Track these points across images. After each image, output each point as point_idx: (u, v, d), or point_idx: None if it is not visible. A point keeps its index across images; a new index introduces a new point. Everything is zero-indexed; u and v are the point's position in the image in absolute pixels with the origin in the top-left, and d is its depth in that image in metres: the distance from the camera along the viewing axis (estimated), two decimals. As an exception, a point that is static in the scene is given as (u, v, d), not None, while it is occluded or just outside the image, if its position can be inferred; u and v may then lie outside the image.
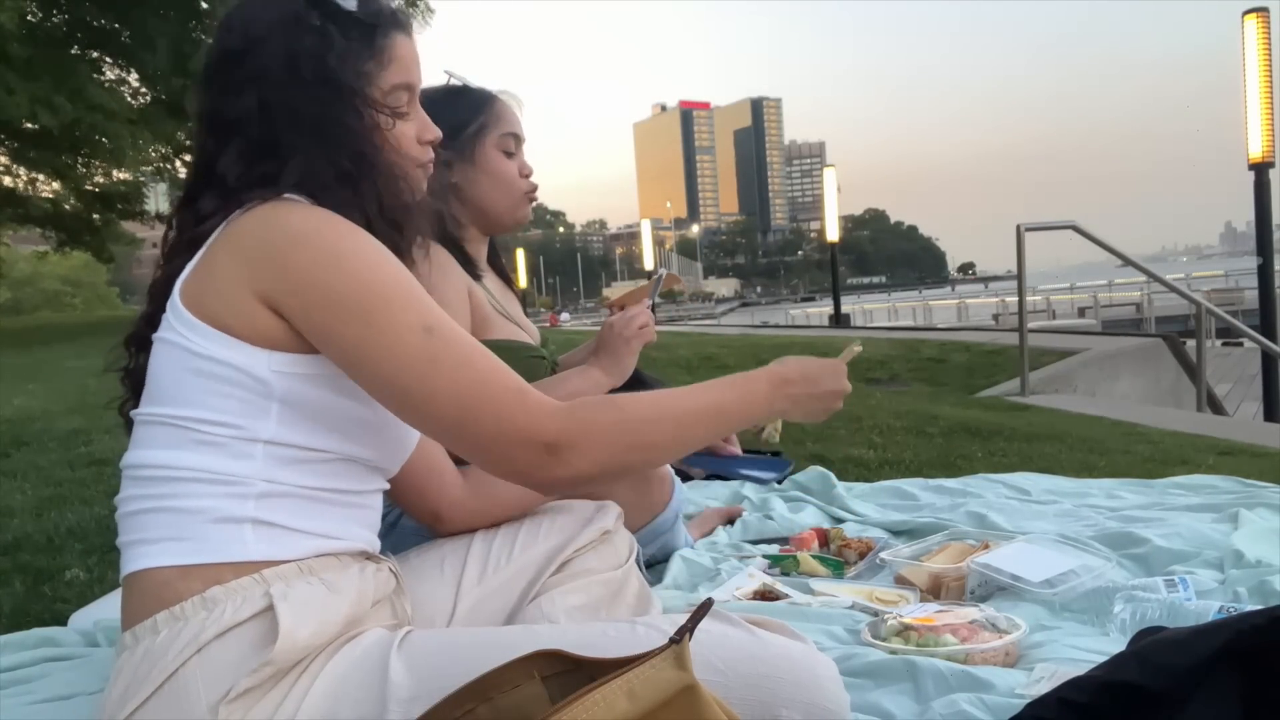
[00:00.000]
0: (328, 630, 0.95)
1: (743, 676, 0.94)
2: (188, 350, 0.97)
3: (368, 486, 1.07)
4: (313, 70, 1.03)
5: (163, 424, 0.98)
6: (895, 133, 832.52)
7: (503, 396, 0.96)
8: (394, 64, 1.10)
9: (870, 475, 3.08)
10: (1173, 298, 14.41)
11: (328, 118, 1.04)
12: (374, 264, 0.98)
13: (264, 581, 0.94)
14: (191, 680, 0.90)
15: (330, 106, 1.04)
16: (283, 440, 0.97)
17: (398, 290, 0.98)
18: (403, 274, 1.00)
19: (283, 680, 0.91)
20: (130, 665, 0.92)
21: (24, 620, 1.92)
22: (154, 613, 0.93)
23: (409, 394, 0.96)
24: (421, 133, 1.15)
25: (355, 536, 1.05)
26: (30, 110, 10.65)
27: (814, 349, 8.05)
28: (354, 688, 0.93)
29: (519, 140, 1.82)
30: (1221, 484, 2.54)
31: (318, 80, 1.03)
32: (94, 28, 13.86)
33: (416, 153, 1.14)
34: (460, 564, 1.21)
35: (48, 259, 22.16)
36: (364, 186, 1.05)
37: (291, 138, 1.03)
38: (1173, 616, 1.44)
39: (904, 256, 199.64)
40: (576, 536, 1.25)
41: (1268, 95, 7.04)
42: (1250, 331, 6.92)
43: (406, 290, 0.98)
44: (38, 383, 5.89)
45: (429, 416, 0.97)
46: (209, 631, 0.91)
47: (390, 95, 1.10)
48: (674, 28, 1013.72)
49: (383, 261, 0.99)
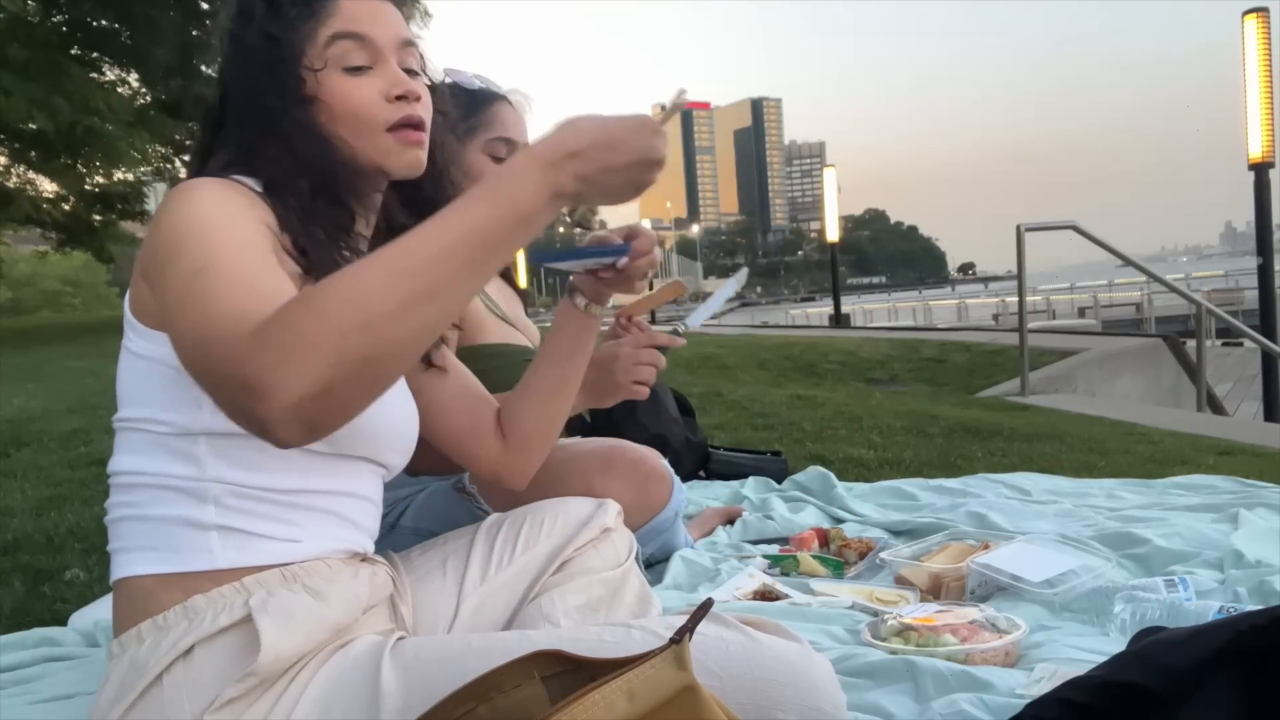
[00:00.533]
0: (314, 638, 0.94)
1: (738, 680, 0.93)
2: (129, 350, 0.97)
3: (344, 485, 1.03)
4: (256, 38, 1.02)
5: (126, 429, 0.98)
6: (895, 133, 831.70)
7: (222, 335, 0.77)
8: (335, 16, 1.03)
9: (870, 475, 3.08)
10: (1173, 298, 14.42)
11: (257, 85, 1.01)
12: (199, 224, 0.88)
13: (244, 590, 0.92)
14: (175, 689, 0.89)
15: (261, 72, 1.01)
16: (219, 430, 0.93)
17: (197, 241, 0.86)
18: (226, 231, 0.88)
19: (271, 689, 0.90)
20: (117, 674, 0.92)
21: (24, 620, 1.92)
22: (139, 621, 0.92)
23: (175, 344, 0.85)
24: (389, 89, 1.04)
25: (339, 538, 1.01)
26: (27, 112, 10.65)
27: (815, 348, 8.08)
28: (345, 697, 0.92)
29: (512, 145, 1.73)
30: (1221, 484, 2.54)
31: (260, 48, 1.02)
32: (94, 28, 13.86)
33: (373, 111, 1.03)
34: (463, 564, 1.21)
35: (48, 259, 22.16)
36: (292, 152, 1.00)
37: (234, 114, 1.02)
38: (1173, 616, 1.43)
39: (904, 256, 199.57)
40: (577, 535, 1.24)
41: (1268, 95, 7.04)
42: (1250, 331, 6.91)
43: (206, 239, 0.86)
44: (38, 383, 5.88)
45: (186, 366, 0.84)
46: (190, 640, 0.90)
47: (330, 47, 1.02)
48: (674, 28, 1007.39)
49: (211, 222, 0.88)
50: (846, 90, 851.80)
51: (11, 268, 20.91)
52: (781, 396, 5.10)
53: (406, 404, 1.12)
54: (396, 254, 0.78)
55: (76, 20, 13.69)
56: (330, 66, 1.02)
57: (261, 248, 0.89)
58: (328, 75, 1.02)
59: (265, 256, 0.89)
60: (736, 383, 6.10)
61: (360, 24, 1.03)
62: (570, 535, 1.24)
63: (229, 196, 0.93)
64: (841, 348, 8.10)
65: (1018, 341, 5.86)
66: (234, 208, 0.92)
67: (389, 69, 1.04)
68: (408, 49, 1.08)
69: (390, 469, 1.11)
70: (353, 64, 1.03)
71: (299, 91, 1.01)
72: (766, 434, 3.99)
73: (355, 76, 1.03)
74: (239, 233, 0.88)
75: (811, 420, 4.26)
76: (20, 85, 10.49)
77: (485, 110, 1.72)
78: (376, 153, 1.04)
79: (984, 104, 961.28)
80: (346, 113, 1.02)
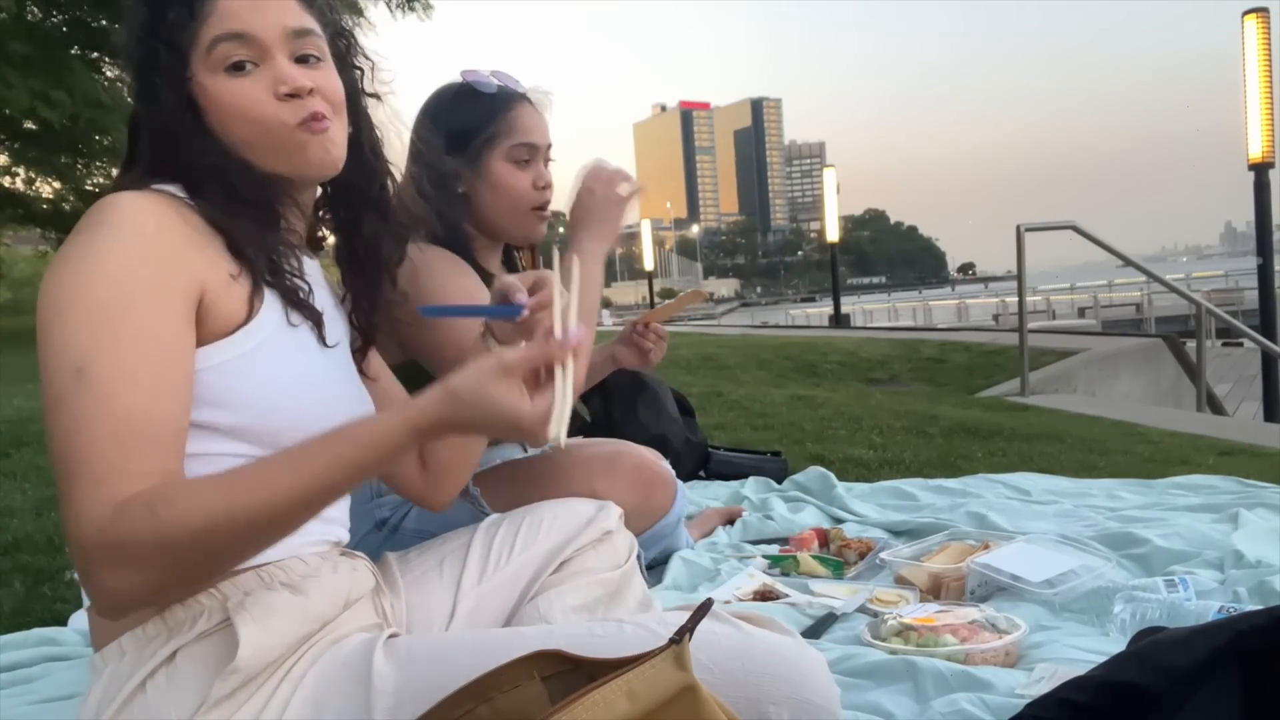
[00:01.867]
0: (297, 630, 0.93)
1: (730, 673, 0.93)
2: None
3: None
4: (142, 47, 0.99)
5: None
6: (895, 133, 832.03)
7: (83, 477, 0.80)
8: (214, 16, 0.97)
9: (870, 475, 3.08)
10: (1173, 298, 14.41)
11: (147, 92, 0.99)
12: (76, 278, 0.86)
13: (221, 595, 0.92)
14: (159, 695, 0.88)
15: (150, 79, 0.98)
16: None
17: (77, 312, 0.85)
18: (116, 293, 0.86)
19: (262, 688, 0.90)
20: (99, 686, 0.91)
21: (24, 620, 1.92)
22: (118, 635, 0.92)
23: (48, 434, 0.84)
24: (275, 85, 0.98)
25: (311, 531, 0.99)
26: (30, 105, 10.65)
27: (815, 348, 8.08)
28: (337, 695, 0.92)
29: (536, 149, 1.66)
30: (1221, 484, 2.55)
31: (146, 56, 0.98)
32: (93, 28, 13.87)
33: (262, 110, 0.98)
34: (460, 564, 1.20)
35: (48, 259, 22.15)
36: (191, 159, 0.97)
37: (138, 113, 1.01)
38: (1173, 616, 1.44)
39: (904, 257, 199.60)
40: (577, 536, 1.24)
41: (1268, 95, 7.04)
42: (1250, 331, 6.92)
43: (91, 314, 0.85)
44: (37, 383, 5.87)
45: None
46: (173, 647, 0.89)
47: (213, 50, 0.97)
48: (674, 28, 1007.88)
49: (95, 276, 0.86)
50: (846, 90, 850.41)
51: (11, 268, 20.87)
52: (781, 396, 5.10)
53: (355, 401, 1.09)
54: (250, 485, 0.81)
55: (76, 20, 13.71)
56: (214, 69, 0.98)
57: (155, 330, 0.87)
58: (212, 79, 0.98)
59: (157, 346, 0.87)
60: (736, 383, 6.10)
61: (239, 20, 0.97)
62: (570, 535, 1.24)
63: (143, 229, 0.90)
64: (841, 348, 8.10)
65: (1018, 341, 5.86)
66: (143, 253, 0.89)
67: (274, 64, 0.98)
68: (303, 38, 1.01)
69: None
70: (233, 63, 0.97)
71: (184, 96, 0.97)
72: (766, 434, 3.99)
73: (238, 77, 0.98)
74: (137, 314, 0.86)
75: (811, 420, 4.26)
76: (22, 79, 10.48)
77: (504, 115, 1.64)
78: (281, 153, 1.00)
79: (984, 104, 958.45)
80: (235, 115, 0.98)
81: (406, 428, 0.85)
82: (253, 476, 0.82)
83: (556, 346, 0.88)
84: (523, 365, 0.86)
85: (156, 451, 0.84)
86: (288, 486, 0.81)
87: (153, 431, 0.84)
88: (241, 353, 0.94)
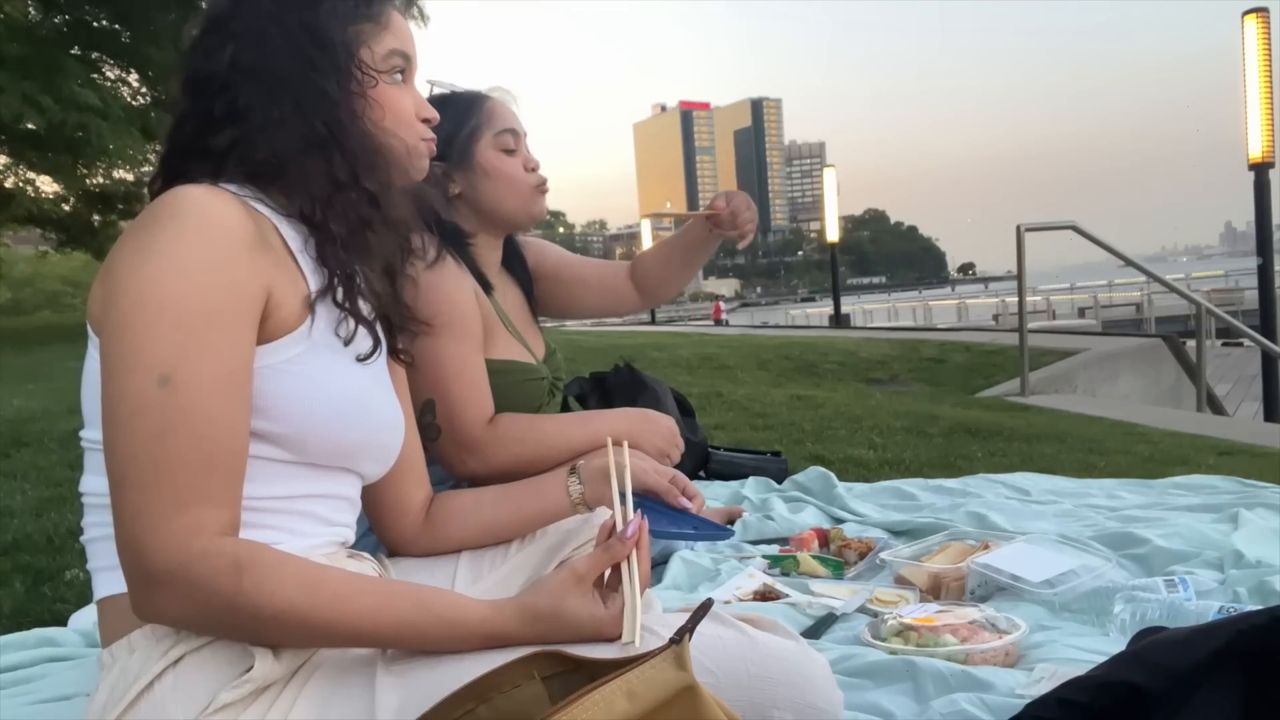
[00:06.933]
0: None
1: (734, 677, 0.93)
2: (94, 364, 0.92)
3: (321, 489, 1.01)
4: (299, 22, 0.99)
5: (94, 449, 0.94)
6: (895, 133, 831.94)
7: (162, 491, 0.81)
8: (390, 30, 1.05)
9: (870, 475, 3.08)
10: (1173, 298, 14.41)
11: (303, 78, 0.98)
12: (162, 278, 0.85)
13: None
14: (167, 694, 0.88)
15: (307, 66, 0.98)
16: None
17: (165, 317, 0.84)
18: (205, 302, 0.86)
19: (266, 691, 0.89)
20: (107, 683, 0.91)
21: (24, 620, 1.92)
22: (128, 632, 0.91)
23: (105, 434, 0.84)
24: (420, 109, 1.09)
25: (319, 534, 1.00)
26: (19, 111, 10.60)
27: (815, 348, 8.07)
28: (341, 697, 0.91)
29: (518, 135, 1.71)
30: (1221, 484, 2.55)
31: (303, 33, 0.99)
32: (94, 28, 13.86)
33: (410, 129, 1.07)
34: (453, 564, 1.20)
35: (48, 259, 22.13)
36: (335, 156, 0.98)
37: (256, 102, 0.97)
38: (1173, 616, 1.44)
39: (904, 257, 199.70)
40: (576, 535, 1.24)
41: (1268, 95, 7.05)
42: (1250, 331, 6.92)
43: (180, 321, 0.84)
44: (37, 383, 5.88)
45: (108, 465, 0.84)
46: (181, 650, 0.89)
47: (386, 60, 1.05)
48: (674, 28, 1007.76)
49: (182, 281, 0.85)
50: (846, 90, 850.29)
51: (11, 268, 20.88)
52: (781, 396, 5.10)
53: (389, 413, 1.09)
54: (332, 598, 0.86)
55: (77, 20, 13.70)
56: (383, 74, 1.05)
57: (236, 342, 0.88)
58: (376, 85, 1.04)
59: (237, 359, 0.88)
60: (736, 383, 6.10)
61: (407, 45, 1.07)
62: (569, 534, 1.23)
63: (223, 232, 0.89)
64: (841, 348, 8.10)
65: (1018, 342, 5.86)
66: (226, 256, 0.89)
67: (415, 90, 1.10)
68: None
69: (367, 477, 1.09)
70: (399, 77, 1.07)
71: (364, 106, 1.02)
72: (766, 434, 3.99)
73: (398, 87, 1.07)
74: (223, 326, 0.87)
75: (811, 420, 4.26)
76: (15, 83, 10.45)
77: (480, 109, 1.70)
78: (403, 159, 1.07)
79: (984, 104, 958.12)
80: (393, 117, 1.05)
81: (485, 637, 0.91)
82: (339, 587, 0.87)
83: (619, 546, 0.94)
84: (594, 572, 0.93)
85: (234, 470, 0.87)
86: (358, 618, 0.87)
87: (231, 446, 0.87)
88: (287, 357, 0.94)
